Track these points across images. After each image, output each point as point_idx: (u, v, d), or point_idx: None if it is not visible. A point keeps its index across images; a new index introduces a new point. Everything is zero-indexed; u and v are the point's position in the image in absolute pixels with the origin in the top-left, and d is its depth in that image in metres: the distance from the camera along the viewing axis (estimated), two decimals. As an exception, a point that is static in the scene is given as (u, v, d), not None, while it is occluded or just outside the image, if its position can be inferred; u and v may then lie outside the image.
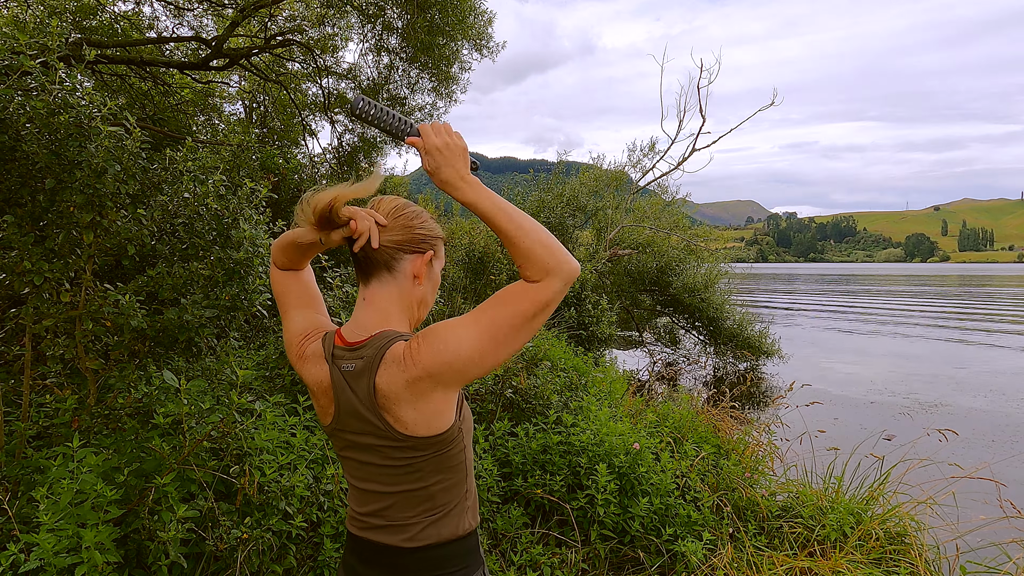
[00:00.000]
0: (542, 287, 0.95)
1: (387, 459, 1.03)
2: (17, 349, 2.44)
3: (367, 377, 1.00)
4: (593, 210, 10.13)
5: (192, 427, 2.07)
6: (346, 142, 9.33)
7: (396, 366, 0.98)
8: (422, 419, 0.99)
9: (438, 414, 1.00)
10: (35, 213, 2.02)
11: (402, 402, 0.98)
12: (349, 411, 1.03)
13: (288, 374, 3.07)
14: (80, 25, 6.66)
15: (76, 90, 2.00)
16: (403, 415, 0.99)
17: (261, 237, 2.40)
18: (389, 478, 1.04)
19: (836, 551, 2.92)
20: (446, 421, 1.01)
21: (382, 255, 1.06)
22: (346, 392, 1.03)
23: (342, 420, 1.05)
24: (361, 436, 1.04)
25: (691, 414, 4.36)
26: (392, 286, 1.08)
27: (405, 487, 1.03)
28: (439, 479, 1.04)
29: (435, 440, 1.01)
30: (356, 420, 1.03)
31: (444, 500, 1.06)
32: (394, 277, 1.08)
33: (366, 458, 1.05)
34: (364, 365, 1.01)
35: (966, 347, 13.59)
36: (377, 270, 1.07)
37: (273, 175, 5.54)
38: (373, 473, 1.05)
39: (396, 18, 7.55)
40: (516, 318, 0.95)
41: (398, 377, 0.97)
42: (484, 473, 2.93)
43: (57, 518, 1.60)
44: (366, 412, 1.01)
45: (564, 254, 0.97)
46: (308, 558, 2.29)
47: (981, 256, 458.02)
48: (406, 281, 1.09)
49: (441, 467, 1.04)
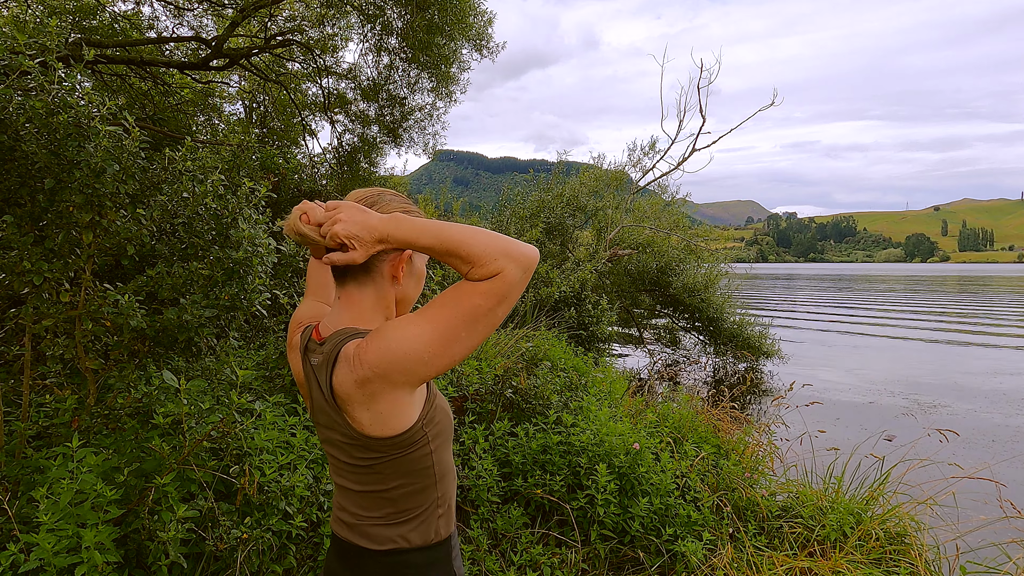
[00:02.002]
0: (497, 280, 0.89)
1: (350, 457, 1.02)
2: (17, 349, 2.43)
3: (324, 373, 1.00)
4: (593, 210, 10.13)
5: (192, 427, 2.07)
6: (346, 142, 9.32)
7: (346, 365, 0.95)
8: (376, 419, 0.96)
9: (394, 415, 0.96)
10: (34, 213, 2.02)
11: (354, 402, 0.95)
12: (318, 405, 1.03)
13: (288, 374, 3.07)
14: (80, 25, 6.66)
15: (75, 90, 1.99)
16: (357, 415, 0.96)
17: (260, 237, 2.40)
18: (355, 476, 1.03)
19: (836, 551, 2.92)
20: (404, 422, 0.97)
21: None
22: (315, 386, 1.03)
23: (315, 413, 1.06)
24: (329, 431, 1.03)
25: (691, 414, 4.36)
26: (369, 287, 1.04)
27: (369, 487, 1.02)
28: (401, 483, 1.01)
29: (392, 442, 0.98)
30: (323, 415, 1.03)
31: (408, 505, 1.03)
32: (371, 277, 1.04)
33: (336, 454, 1.05)
34: (322, 361, 1.00)
35: (966, 347, 13.59)
36: (352, 270, 1.03)
37: (273, 175, 5.53)
38: (343, 470, 1.05)
39: (396, 18, 7.55)
40: (470, 314, 0.90)
41: (348, 377, 0.95)
42: (484, 473, 2.93)
43: (57, 518, 1.60)
44: (328, 408, 1.00)
45: (513, 242, 0.92)
46: (308, 558, 2.29)
47: (981, 256, 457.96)
48: (384, 281, 1.05)
49: (402, 470, 1.00)
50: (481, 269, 0.89)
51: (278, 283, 3.24)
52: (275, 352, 3.16)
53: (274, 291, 2.87)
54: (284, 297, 2.99)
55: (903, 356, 12.38)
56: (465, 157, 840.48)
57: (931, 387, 9.33)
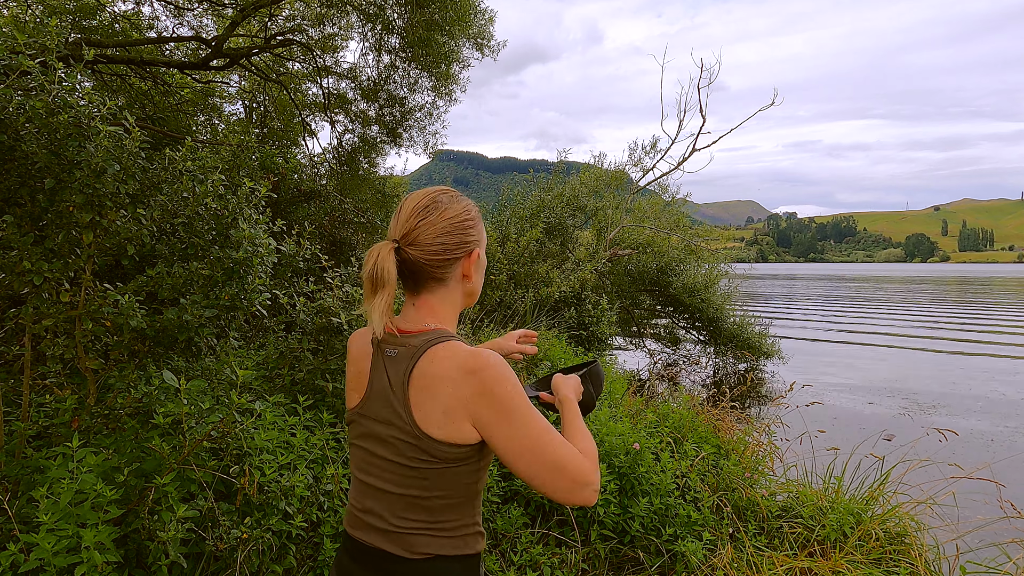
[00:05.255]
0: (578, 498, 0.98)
1: (398, 455, 1.01)
2: (17, 349, 2.43)
3: (406, 363, 1.00)
4: (593, 210, 10.13)
5: (192, 427, 2.07)
6: (346, 142, 9.33)
7: (460, 371, 0.97)
8: (447, 423, 0.98)
9: (463, 431, 0.99)
10: (34, 213, 2.02)
11: (438, 402, 0.98)
12: (379, 394, 1.04)
13: (288, 374, 3.07)
14: (80, 25, 6.66)
15: (75, 90, 1.99)
16: (433, 413, 0.98)
17: (260, 237, 2.40)
18: (396, 477, 1.01)
19: (836, 551, 2.92)
20: (471, 436, 0.99)
21: (431, 272, 1.06)
22: (382, 376, 1.04)
23: (368, 404, 1.05)
24: (381, 425, 1.03)
25: (691, 414, 4.36)
26: (442, 291, 1.09)
27: (409, 491, 1.01)
28: (444, 494, 1.01)
29: (452, 450, 0.99)
30: (382, 406, 1.03)
31: (444, 518, 1.02)
32: (445, 284, 1.09)
33: (379, 451, 1.03)
34: (407, 352, 1.01)
35: (967, 345, 13.59)
36: (427, 283, 1.08)
37: (273, 175, 5.54)
38: (381, 468, 1.03)
39: (397, 17, 7.55)
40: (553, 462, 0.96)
41: (460, 381, 0.97)
42: (484, 473, 2.93)
43: (57, 518, 1.59)
44: (393, 399, 1.01)
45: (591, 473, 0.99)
46: (308, 558, 2.29)
47: (981, 256, 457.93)
48: (455, 283, 1.10)
49: (450, 482, 1.01)
50: (570, 496, 0.97)
51: (278, 283, 3.24)
52: (275, 352, 3.16)
53: (274, 291, 2.87)
54: (284, 297, 2.99)
55: (903, 357, 12.38)
56: (465, 157, 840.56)
57: (931, 387, 9.33)
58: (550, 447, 0.96)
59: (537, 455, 0.96)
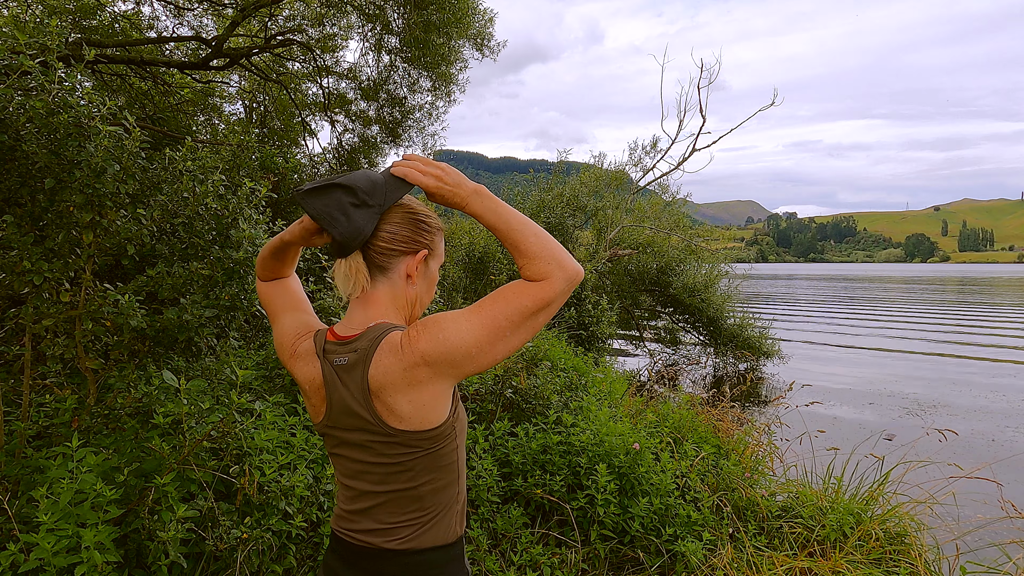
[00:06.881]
0: (544, 285, 0.95)
1: (378, 456, 1.01)
2: (17, 349, 2.43)
3: (360, 368, 0.99)
4: (593, 210, 10.12)
5: (192, 427, 2.07)
6: (346, 142, 9.33)
7: (393, 354, 0.97)
8: (415, 411, 0.98)
9: (431, 407, 0.98)
10: (35, 213, 2.02)
11: (397, 391, 0.97)
12: (341, 407, 1.02)
13: (288, 374, 3.07)
14: (80, 25, 6.66)
15: (75, 90, 1.99)
16: (397, 406, 0.97)
17: (261, 237, 2.40)
18: (379, 477, 1.03)
19: (836, 551, 2.92)
20: (439, 415, 1.00)
21: (373, 258, 1.05)
22: (338, 387, 1.02)
23: (334, 417, 1.04)
24: (352, 433, 1.03)
25: (691, 414, 4.36)
26: (385, 286, 1.07)
27: (395, 487, 1.02)
28: (429, 479, 1.02)
29: (427, 435, 0.99)
30: (348, 416, 1.02)
31: (433, 502, 1.04)
32: (388, 278, 1.07)
33: (357, 456, 1.04)
34: (358, 357, 1.00)
35: (967, 348, 13.59)
36: (372, 271, 1.06)
37: (273, 175, 5.53)
38: (363, 471, 1.04)
39: (396, 17, 7.55)
40: (517, 314, 0.94)
41: (394, 365, 0.96)
42: (484, 473, 2.93)
43: (57, 518, 1.60)
44: (357, 407, 1.00)
45: (566, 255, 0.98)
46: (308, 558, 2.29)
47: (981, 256, 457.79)
48: (399, 281, 1.07)
49: (432, 466, 1.02)
50: (532, 266, 0.96)
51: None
52: (275, 352, 3.16)
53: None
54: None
55: (903, 357, 12.38)
56: (465, 157, 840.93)
57: (931, 387, 9.33)
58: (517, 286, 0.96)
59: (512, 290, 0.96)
